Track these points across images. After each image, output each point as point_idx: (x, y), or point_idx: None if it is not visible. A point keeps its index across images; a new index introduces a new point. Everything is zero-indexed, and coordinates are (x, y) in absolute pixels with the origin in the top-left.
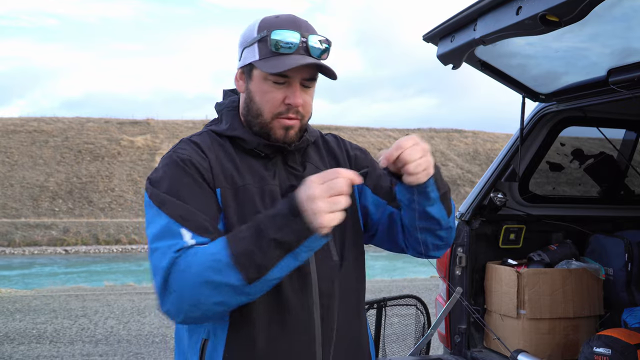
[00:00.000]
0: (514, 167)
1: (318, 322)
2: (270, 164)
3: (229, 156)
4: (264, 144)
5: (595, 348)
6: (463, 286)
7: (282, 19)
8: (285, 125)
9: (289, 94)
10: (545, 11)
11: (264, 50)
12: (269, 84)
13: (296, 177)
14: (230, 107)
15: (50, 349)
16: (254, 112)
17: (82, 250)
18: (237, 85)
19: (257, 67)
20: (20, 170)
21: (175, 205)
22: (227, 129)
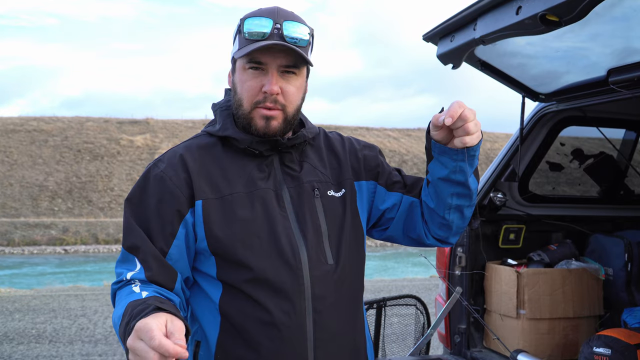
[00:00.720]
0: (514, 167)
1: (310, 327)
2: (266, 163)
3: (217, 161)
4: (257, 141)
5: (595, 348)
6: (463, 286)
7: (261, 10)
8: (264, 114)
9: (265, 81)
10: (545, 11)
11: (241, 41)
12: (248, 73)
13: (292, 177)
14: (224, 106)
15: (49, 349)
16: (236, 103)
17: (82, 250)
18: (228, 82)
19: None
20: (19, 169)
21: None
22: (220, 129)
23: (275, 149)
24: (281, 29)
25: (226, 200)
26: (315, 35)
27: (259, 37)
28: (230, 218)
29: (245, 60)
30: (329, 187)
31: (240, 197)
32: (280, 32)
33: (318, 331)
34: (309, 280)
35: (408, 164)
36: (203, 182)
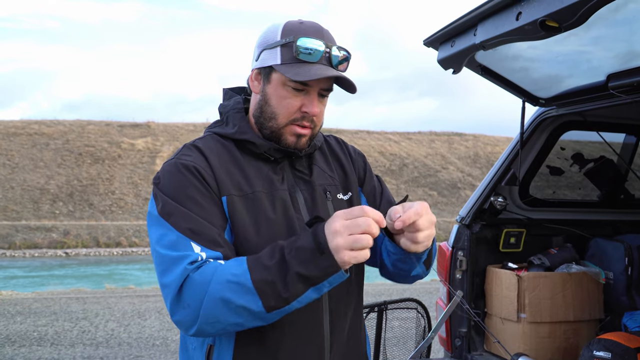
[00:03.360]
0: (514, 171)
1: (327, 328)
2: (279, 167)
3: (236, 161)
4: (275, 149)
5: (595, 352)
6: (463, 290)
7: (307, 26)
8: (297, 132)
9: (306, 102)
10: (544, 17)
11: (287, 55)
12: (287, 89)
13: (304, 181)
14: (236, 108)
15: (51, 352)
16: (267, 114)
17: (83, 253)
18: (252, 85)
19: (277, 71)
20: (21, 172)
21: (184, 218)
22: (236, 132)
23: (288, 155)
24: (330, 53)
25: (249, 199)
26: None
27: (310, 58)
28: (255, 217)
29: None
30: (338, 190)
31: (262, 196)
32: (329, 56)
33: (333, 333)
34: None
35: (409, 167)
36: (225, 178)
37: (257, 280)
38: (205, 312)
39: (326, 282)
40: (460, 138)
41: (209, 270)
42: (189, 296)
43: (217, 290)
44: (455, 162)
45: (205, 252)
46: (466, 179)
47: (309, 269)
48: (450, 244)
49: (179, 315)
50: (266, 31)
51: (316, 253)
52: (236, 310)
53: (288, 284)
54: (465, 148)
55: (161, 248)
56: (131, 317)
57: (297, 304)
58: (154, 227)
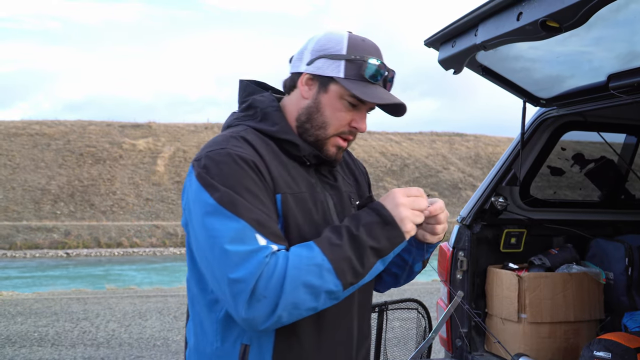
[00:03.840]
0: (515, 172)
1: (355, 331)
2: (310, 171)
3: (280, 159)
4: (314, 154)
5: (596, 352)
6: (464, 290)
7: (370, 45)
8: (339, 144)
9: (357, 118)
10: (545, 17)
11: (352, 71)
12: (344, 103)
13: (331, 186)
14: (274, 106)
15: (51, 352)
16: (317, 123)
17: (84, 254)
18: (302, 89)
19: (338, 84)
20: (22, 173)
21: (247, 208)
22: (279, 130)
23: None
24: (388, 75)
25: (298, 198)
26: None
27: (375, 80)
28: (304, 217)
29: (348, 94)
30: (357, 198)
31: (307, 197)
32: (387, 78)
33: (359, 335)
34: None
35: (410, 167)
36: (278, 175)
37: (333, 259)
38: (285, 300)
39: (391, 254)
40: (461, 138)
41: (282, 259)
42: (264, 287)
43: (295, 276)
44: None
45: (274, 245)
46: (467, 180)
47: (380, 242)
48: (450, 244)
49: (254, 310)
50: (326, 39)
51: (383, 225)
52: (316, 292)
53: (363, 258)
54: (467, 148)
55: (228, 241)
56: (132, 318)
57: (368, 278)
58: (210, 217)
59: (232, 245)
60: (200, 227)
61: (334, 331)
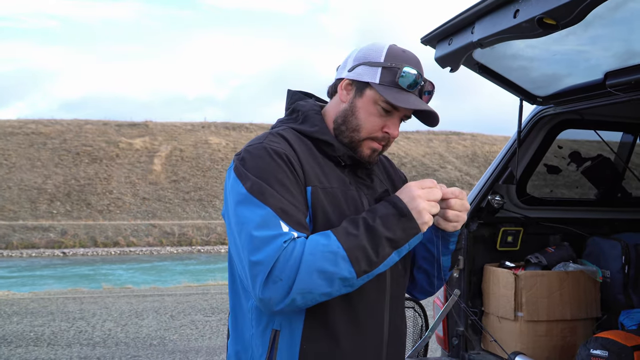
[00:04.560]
0: (512, 170)
1: (387, 323)
2: (346, 171)
3: (314, 156)
4: (349, 155)
5: (592, 350)
6: (461, 288)
7: (409, 56)
8: (373, 147)
9: (389, 124)
10: (542, 14)
11: (387, 78)
12: (377, 108)
13: (367, 187)
14: (315, 109)
15: (47, 352)
16: (352, 125)
17: (80, 253)
18: (341, 94)
19: (373, 89)
20: (18, 172)
21: (274, 197)
22: (317, 131)
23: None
24: (425, 86)
25: (328, 192)
26: None
27: (409, 88)
28: (334, 211)
29: (383, 100)
30: None
31: (339, 192)
32: (422, 88)
33: (390, 328)
34: (389, 280)
35: (407, 166)
36: (309, 170)
37: (348, 247)
38: (299, 284)
39: (407, 245)
40: (458, 137)
41: (300, 245)
42: (281, 270)
43: (311, 261)
44: (453, 161)
45: (295, 232)
46: (464, 178)
47: (395, 233)
48: None
49: (270, 291)
50: (369, 48)
51: (399, 217)
52: (330, 278)
53: (378, 248)
54: (463, 147)
55: (254, 227)
56: (128, 317)
57: (383, 268)
58: (241, 206)
59: (257, 230)
60: (233, 214)
61: (364, 321)
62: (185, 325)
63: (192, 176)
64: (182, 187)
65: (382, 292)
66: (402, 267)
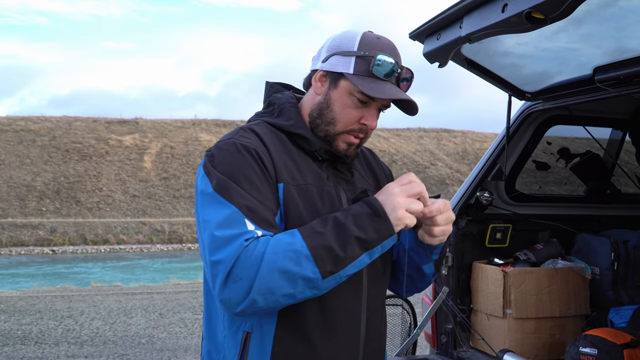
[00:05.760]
0: (501, 166)
1: (364, 323)
2: (324, 166)
3: (289, 152)
4: (326, 150)
5: (582, 348)
6: (449, 286)
7: (384, 43)
8: (350, 141)
9: (366, 115)
10: (530, 8)
11: (361, 67)
12: (353, 99)
13: (346, 181)
14: (291, 102)
15: (35, 350)
16: (327, 118)
17: (70, 251)
18: (315, 86)
19: (347, 80)
20: (7, 169)
21: (240, 195)
22: (292, 125)
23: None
24: (401, 73)
25: (302, 189)
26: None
27: (384, 77)
28: (307, 209)
29: (358, 90)
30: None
31: (314, 189)
32: (399, 76)
33: (368, 328)
34: (367, 280)
35: (398, 163)
36: (282, 166)
37: (313, 246)
38: (260, 284)
39: (379, 247)
40: (448, 134)
41: (262, 244)
42: (241, 269)
43: (272, 260)
44: (443, 158)
45: (260, 231)
46: (455, 175)
47: (367, 233)
48: None
49: (230, 291)
50: (341, 37)
51: (372, 217)
52: (292, 279)
53: (346, 247)
54: (454, 144)
55: (215, 227)
56: (117, 315)
57: (352, 269)
58: (206, 204)
59: (219, 230)
60: (198, 212)
61: (339, 322)
62: (174, 324)
63: (182, 173)
64: (172, 185)
65: (358, 292)
66: (382, 266)
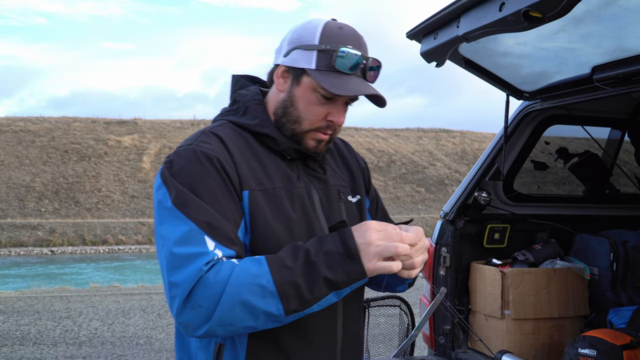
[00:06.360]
0: (499, 166)
1: (340, 329)
2: (294, 165)
3: (255, 154)
4: (294, 148)
5: (580, 349)
6: (447, 286)
7: (347, 33)
8: (318, 138)
9: (333, 111)
10: (528, 7)
11: (323, 62)
12: (317, 96)
13: (318, 179)
14: (256, 99)
15: (33, 351)
16: (292, 117)
17: (69, 251)
18: (277, 82)
19: (310, 76)
20: (6, 170)
21: (200, 209)
22: (258, 124)
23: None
24: (367, 64)
25: (270, 194)
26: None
27: (348, 70)
28: (276, 215)
29: (320, 86)
30: (348, 192)
31: (283, 193)
32: (365, 67)
33: (345, 333)
34: None
35: (396, 164)
36: (247, 171)
37: (280, 282)
38: (220, 314)
39: (348, 288)
40: (447, 135)
41: (225, 270)
42: (201, 297)
43: (235, 293)
44: (442, 158)
45: (220, 250)
46: (453, 176)
47: (337, 275)
48: (433, 240)
49: (187, 316)
50: (302, 29)
51: (345, 258)
52: (254, 313)
53: (313, 287)
54: (453, 145)
55: (173, 244)
56: (115, 316)
57: (317, 307)
58: (164, 219)
59: (177, 247)
60: (156, 226)
61: (314, 330)
62: (172, 324)
63: None
64: None
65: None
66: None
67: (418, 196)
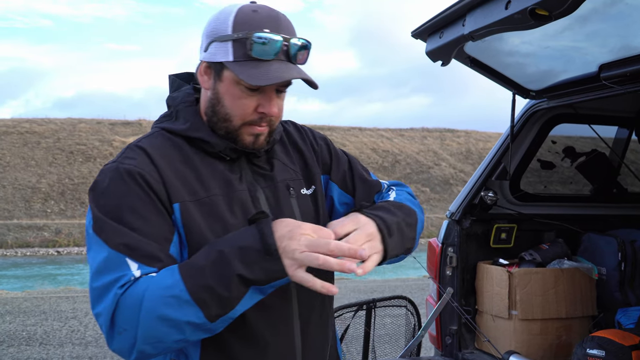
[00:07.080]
0: (505, 165)
1: (299, 337)
2: (235, 165)
3: (187, 161)
4: (231, 148)
5: (589, 349)
6: (454, 286)
7: (262, 16)
8: (255, 132)
9: (263, 102)
10: (534, 5)
11: (239, 51)
12: (241, 88)
13: (264, 177)
14: (186, 101)
15: (39, 351)
16: (221, 115)
17: (75, 252)
18: (201, 80)
19: (229, 69)
20: (12, 171)
21: (116, 233)
22: (188, 129)
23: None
24: (289, 46)
25: (205, 203)
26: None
27: (267, 57)
28: (212, 224)
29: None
30: (301, 184)
31: (219, 200)
32: (287, 49)
33: (305, 340)
34: (295, 287)
35: (401, 163)
36: (177, 182)
37: (193, 288)
38: (144, 333)
39: (270, 286)
40: (452, 134)
41: (139, 288)
42: (122, 320)
43: (151, 308)
44: (447, 158)
45: (140, 270)
46: (458, 175)
47: (253, 272)
48: (440, 240)
49: (116, 343)
50: (215, 20)
51: (262, 255)
52: (177, 326)
53: (229, 287)
54: (458, 144)
55: (93, 275)
56: None
57: (242, 308)
58: (90, 245)
59: (95, 280)
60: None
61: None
62: None
63: None
64: None
65: (287, 303)
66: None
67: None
